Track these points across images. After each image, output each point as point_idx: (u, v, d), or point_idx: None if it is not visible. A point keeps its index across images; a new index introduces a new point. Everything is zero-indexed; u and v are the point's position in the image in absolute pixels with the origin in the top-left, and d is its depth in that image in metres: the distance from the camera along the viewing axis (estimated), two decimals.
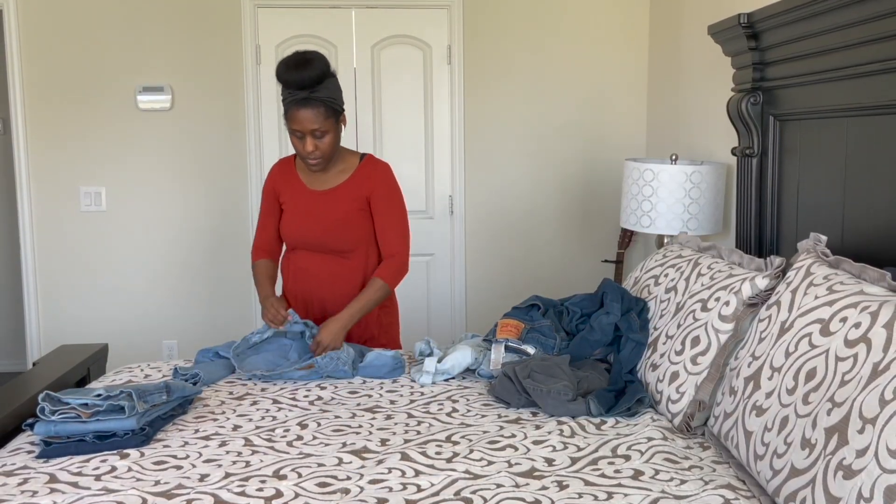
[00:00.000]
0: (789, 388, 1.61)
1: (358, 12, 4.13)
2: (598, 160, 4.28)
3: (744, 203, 2.76)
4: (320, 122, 2.46)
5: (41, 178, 4.11)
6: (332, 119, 2.50)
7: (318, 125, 2.46)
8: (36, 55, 4.04)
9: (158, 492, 1.64)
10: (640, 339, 2.26)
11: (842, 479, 1.33)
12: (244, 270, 4.22)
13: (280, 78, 2.45)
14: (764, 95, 2.63)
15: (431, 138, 4.24)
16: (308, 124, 2.45)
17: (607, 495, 1.60)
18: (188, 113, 4.13)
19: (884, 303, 1.54)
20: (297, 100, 2.44)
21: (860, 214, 2.14)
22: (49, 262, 4.16)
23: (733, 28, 2.61)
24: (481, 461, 1.79)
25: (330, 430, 1.99)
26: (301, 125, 2.46)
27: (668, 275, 2.39)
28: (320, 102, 2.45)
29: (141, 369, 2.50)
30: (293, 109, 2.45)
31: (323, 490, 1.65)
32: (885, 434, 1.29)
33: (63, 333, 4.12)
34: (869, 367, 1.43)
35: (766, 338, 1.80)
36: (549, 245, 4.34)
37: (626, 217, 3.17)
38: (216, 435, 1.96)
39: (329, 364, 2.40)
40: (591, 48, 4.22)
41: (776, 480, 1.52)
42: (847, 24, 2.09)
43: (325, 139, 2.50)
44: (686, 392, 2.01)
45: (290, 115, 2.47)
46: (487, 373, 2.38)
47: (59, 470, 1.75)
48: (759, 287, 2.01)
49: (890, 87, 1.98)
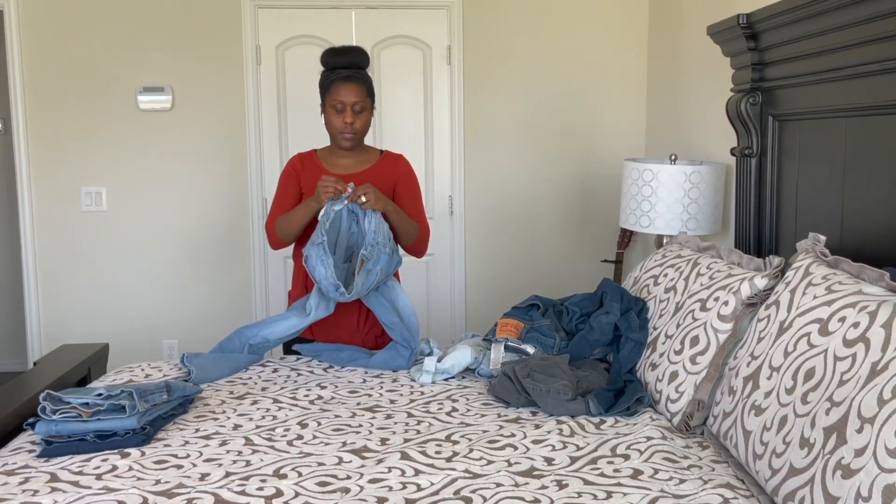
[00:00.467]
0: (788, 387, 1.61)
1: (358, 13, 4.13)
2: (597, 160, 4.29)
3: (743, 203, 2.76)
4: (362, 97, 2.62)
5: (42, 178, 4.12)
6: (370, 100, 2.66)
7: (359, 98, 2.61)
8: (37, 56, 4.04)
9: (159, 491, 1.64)
10: (640, 339, 2.26)
11: (840, 478, 1.33)
12: (245, 270, 4.23)
13: (329, 60, 2.65)
14: (763, 96, 2.63)
15: (431, 138, 4.24)
16: (352, 96, 2.60)
17: (606, 494, 1.61)
18: (188, 113, 4.14)
19: (882, 302, 1.55)
20: (343, 76, 2.61)
21: (859, 214, 2.14)
22: (50, 262, 4.17)
23: (732, 28, 2.61)
24: (481, 460, 1.79)
25: (330, 430, 1.99)
26: (345, 97, 2.59)
27: (667, 275, 2.40)
28: (364, 80, 2.64)
29: (142, 369, 2.50)
30: (339, 84, 2.60)
31: (323, 489, 1.65)
32: (884, 433, 1.29)
33: (64, 333, 4.13)
34: (867, 367, 1.43)
35: (765, 337, 1.80)
36: (549, 245, 4.34)
37: (626, 217, 3.18)
38: (217, 434, 1.96)
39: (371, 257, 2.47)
40: (590, 49, 4.23)
41: (775, 480, 1.52)
42: (845, 24, 2.09)
43: (362, 115, 2.64)
44: (685, 391, 2.01)
45: (333, 90, 2.61)
46: (487, 372, 2.39)
47: (60, 469, 1.76)
48: (758, 287, 2.02)
49: (888, 87, 1.99)
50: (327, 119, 2.67)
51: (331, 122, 2.66)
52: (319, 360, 2.57)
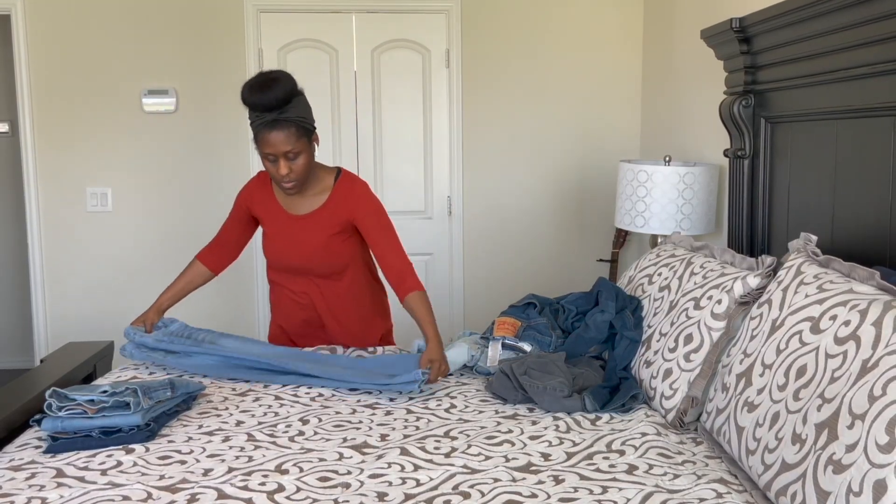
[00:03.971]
0: (780, 384, 1.62)
1: (358, 17, 4.16)
2: (593, 161, 4.32)
3: (736, 203, 2.76)
4: (292, 142, 2.34)
5: (48, 179, 4.14)
6: (305, 139, 2.38)
7: (290, 146, 2.34)
8: (43, 59, 4.07)
9: (163, 486, 1.65)
10: (634, 337, 2.27)
11: (832, 473, 1.34)
12: (246, 269, 4.25)
13: (246, 101, 2.33)
14: (755, 98, 2.63)
15: (430, 140, 4.27)
16: (281, 146, 2.33)
17: (602, 489, 1.62)
18: (192, 115, 4.16)
19: (872, 301, 1.55)
20: (266, 122, 2.32)
21: (849, 214, 2.14)
22: (56, 262, 4.19)
23: (725, 32, 2.62)
24: (479, 456, 1.80)
25: (331, 426, 2.01)
26: (274, 148, 2.33)
27: (661, 274, 2.40)
28: (291, 123, 2.33)
29: (146, 366, 2.51)
30: (264, 132, 2.33)
31: (324, 484, 1.66)
32: (874, 429, 1.30)
33: (70, 331, 4.15)
34: (858, 364, 1.44)
35: (758, 335, 1.81)
36: (546, 244, 4.37)
37: (621, 217, 3.20)
38: (219, 430, 1.97)
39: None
40: (586, 52, 4.26)
41: (767, 475, 1.53)
42: (837, 28, 2.10)
43: (298, 160, 2.38)
44: (679, 388, 2.02)
45: (260, 139, 2.35)
46: (485, 369, 2.40)
47: (65, 465, 1.77)
48: (751, 286, 2.03)
49: (879, 89, 1.99)
50: (264, 166, 2.43)
51: (268, 171, 2.44)
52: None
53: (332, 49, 4.16)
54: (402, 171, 4.28)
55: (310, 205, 2.55)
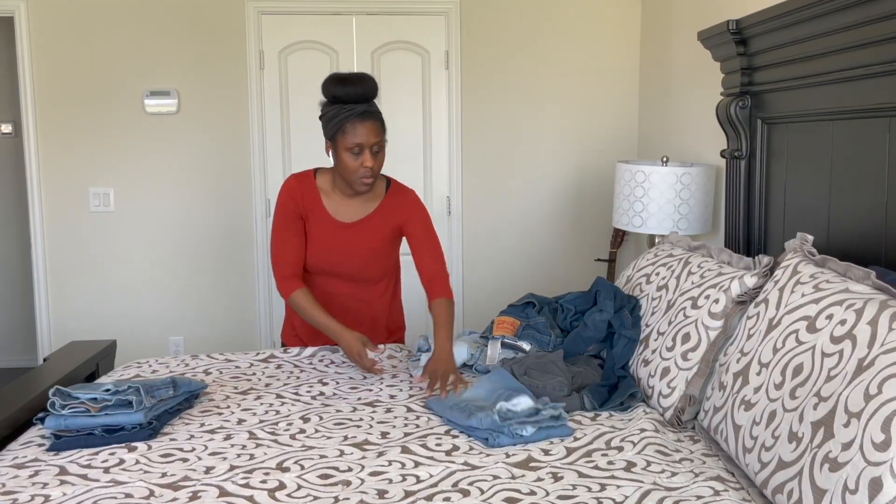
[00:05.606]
0: (777, 383, 1.62)
1: (358, 19, 4.18)
2: (591, 162, 4.33)
3: (732, 204, 2.77)
4: (380, 136, 2.36)
5: (51, 179, 4.16)
6: (385, 136, 2.40)
7: (378, 138, 2.35)
8: (46, 60, 4.08)
9: (165, 483, 1.66)
10: (633, 336, 2.27)
11: (828, 471, 1.35)
12: (248, 269, 4.27)
13: (336, 93, 2.33)
14: (752, 99, 2.64)
15: (429, 141, 4.29)
16: (371, 137, 2.33)
17: (600, 486, 1.62)
18: (194, 116, 4.18)
19: (868, 300, 1.56)
20: (357, 113, 2.32)
21: (845, 214, 2.15)
22: (59, 262, 4.21)
23: (722, 34, 2.63)
24: (479, 454, 1.81)
25: (332, 424, 2.01)
26: (364, 138, 2.32)
27: (659, 273, 2.40)
28: (379, 116, 2.37)
29: (149, 365, 2.51)
30: (355, 122, 2.31)
31: (325, 481, 1.67)
32: (870, 428, 1.31)
33: (73, 330, 4.17)
34: (854, 363, 1.44)
35: (755, 334, 1.81)
36: (544, 244, 4.39)
37: (619, 217, 3.21)
38: (221, 428, 1.98)
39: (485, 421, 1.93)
40: (584, 54, 4.28)
41: (764, 473, 1.54)
42: (832, 30, 2.11)
43: (380, 155, 2.38)
44: (677, 387, 2.02)
45: (349, 129, 2.32)
46: (484, 368, 2.40)
47: (68, 462, 1.78)
48: (748, 285, 2.03)
49: (874, 91, 2.00)
50: (341, 161, 2.37)
51: (346, 166, 2.37)
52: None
53: (332, 50, 4.18)
54: (402, 171, 4.26)
55: (359, 212, 2.52)
